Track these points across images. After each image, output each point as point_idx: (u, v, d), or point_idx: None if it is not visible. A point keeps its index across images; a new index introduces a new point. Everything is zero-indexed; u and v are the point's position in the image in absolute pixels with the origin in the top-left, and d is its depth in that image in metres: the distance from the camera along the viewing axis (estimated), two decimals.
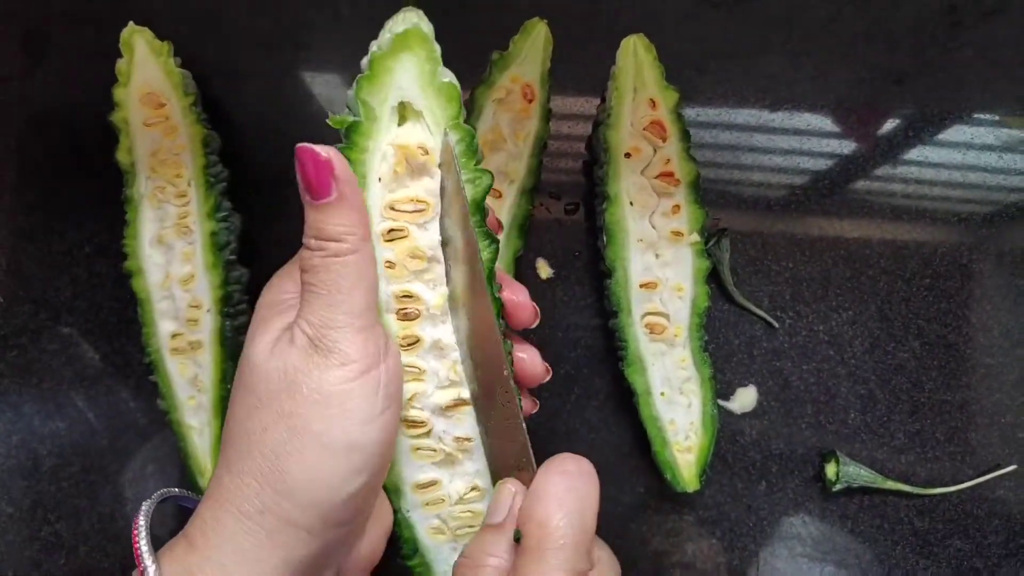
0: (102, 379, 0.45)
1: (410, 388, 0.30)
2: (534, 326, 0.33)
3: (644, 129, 0.42)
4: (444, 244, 0.29)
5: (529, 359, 0.33)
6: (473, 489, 0.32)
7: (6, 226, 0.45)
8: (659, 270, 0.42)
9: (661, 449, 0.42)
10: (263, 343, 0.27)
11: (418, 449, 0.31)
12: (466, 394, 0.31)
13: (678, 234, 0.42)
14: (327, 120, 0.27)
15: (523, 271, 0.45)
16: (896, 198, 0.46)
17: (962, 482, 0.44)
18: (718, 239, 0.45)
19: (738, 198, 0.46)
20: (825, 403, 0.45)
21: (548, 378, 0.34)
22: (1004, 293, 0.46)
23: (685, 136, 0.42)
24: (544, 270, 0.46)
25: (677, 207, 0.42)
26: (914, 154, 0.47)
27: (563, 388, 0.45)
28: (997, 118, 0.47)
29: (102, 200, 0.44)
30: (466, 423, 0.31)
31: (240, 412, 0.27)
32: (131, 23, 0.41)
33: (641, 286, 0.42)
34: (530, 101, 0.43)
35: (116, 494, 0.44)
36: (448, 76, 0.28)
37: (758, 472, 0.44)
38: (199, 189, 0.42)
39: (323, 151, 0.25)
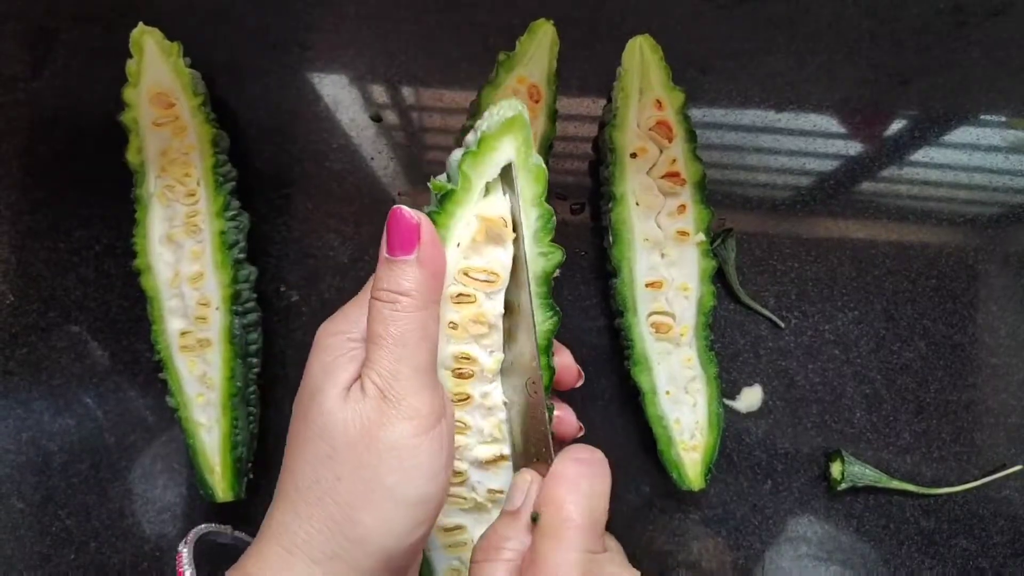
0: (111, 377, 0.45)
1: (455, 440, 0.31)
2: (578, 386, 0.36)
3: (650, 129, 0.42)
4: (508, 312, 0.31)
5: (566, 418, 0.35)
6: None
7: (16, 225, 0.46)
8: (665, 270, 0.42)
9: (667, 448, 0.42)
10: (335, 391, 0.28)
11: (450, 496, 0.32)
12: (507, 450, 0.32)
13: (684, 234, 0.42)
14: (429, 183, 0.29)
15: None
16: (902, 199, 0.47)
17: (968, 482, 0.44)
18: (724, 239, 0.45)
19: (744, 198, 0.46)
20: (831, 403, 0.45)
21: (581, 434, 0.36)
22: (1010, 293, 0.46)
23: (691, 136, 0.42)
24: None
25: (683, 207, 0.42)
26: (920, 155, 0.47)
27: None
28: (1003, 119, 0.47)
29: (111, 199, 0.45)
30: (502, 476, 0.32)
31: (310, 458, 0.28)
32: (141, 24, 0.42)
33: (647, 285, 0.42)
34: (536, 102, 0.44)
35: (125, 491, 0.45)
36: (538, 160, 0.30)
37: (763, 471, 0.44)
38: (208, 188, 0.42)
39: (413, 215, 0.27)
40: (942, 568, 0.44)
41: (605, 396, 0.45)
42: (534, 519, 0.30)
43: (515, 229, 0.30)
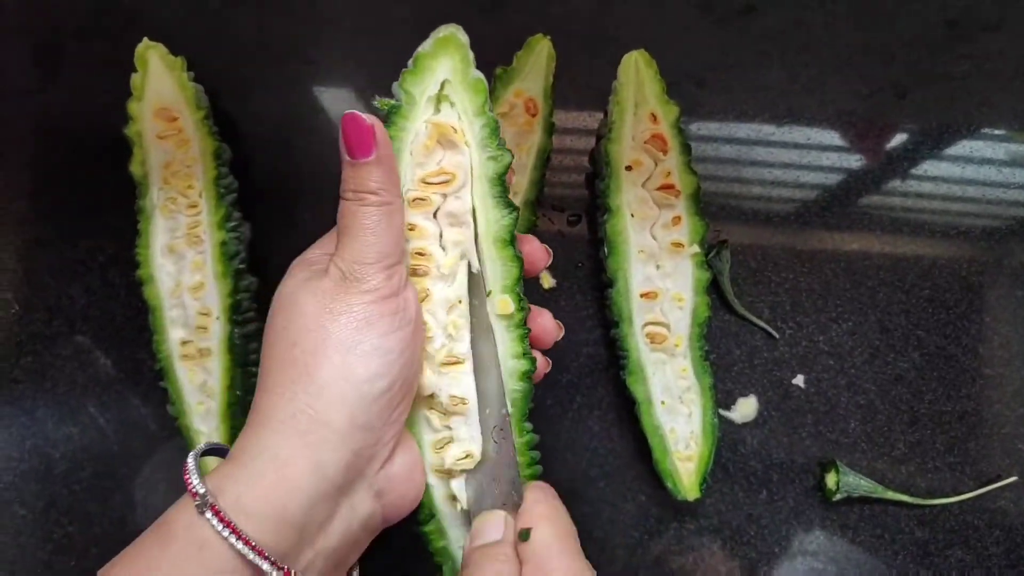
0: (114, 385, 0.46)
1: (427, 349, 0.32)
2: (558, 339, 0.36)
3: (645, 143, 0.43)
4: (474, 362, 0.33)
5: (543, 320, 0.35)
6: (466, 456, 0.33)
7: (22, 235, 0.47)
8: (660, 281, 0.43)
9: (662, 458, 0.42)
10: (296, 279, 0.30)
11: (432, 408, 0.33)
12: (462, 349, 0.33)
13: (679, 245, 0.43)
14: (373, 102, 0.32)
15: (526, 282, 0.46)
16: (896, 211, 0.47)
17: (962, 493, 0.44)
18: (718, 250, 0.45)
19: (739, 211, 0.47)
20: (825, 413, 0.45)
21: (561, 335, 0.36)
22: (1004, 304, 0.46)
23: (686, 149, 0.43)
24: (547, 280, 0.46)
25: (678, 219, 0.43)
26: (914, 168, 0.48)
27: (565, 397, 0.45)
28: (997, 132, 0.48)
29: (116, 211, 0.45)
30: (461, 382, 0.33)
31: (271, 338, 0.30)
32: (145, 39, 0.43)
33: (642, 296, 0.43)
34: (533, 115, 0.44)
35: (127, 498, 0.45)
36: (477, 75, 0.32)
37: (759, 481, 0.45)
38: (210, 200, 0.43)
39: (367, 118, 0.29)
40: None
41: (601, 406, 0.45)
42: (524, 536, 0.31)
43: (483, 289, 0.33)
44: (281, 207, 0.47)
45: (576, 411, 0.45)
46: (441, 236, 0.32)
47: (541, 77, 0.44)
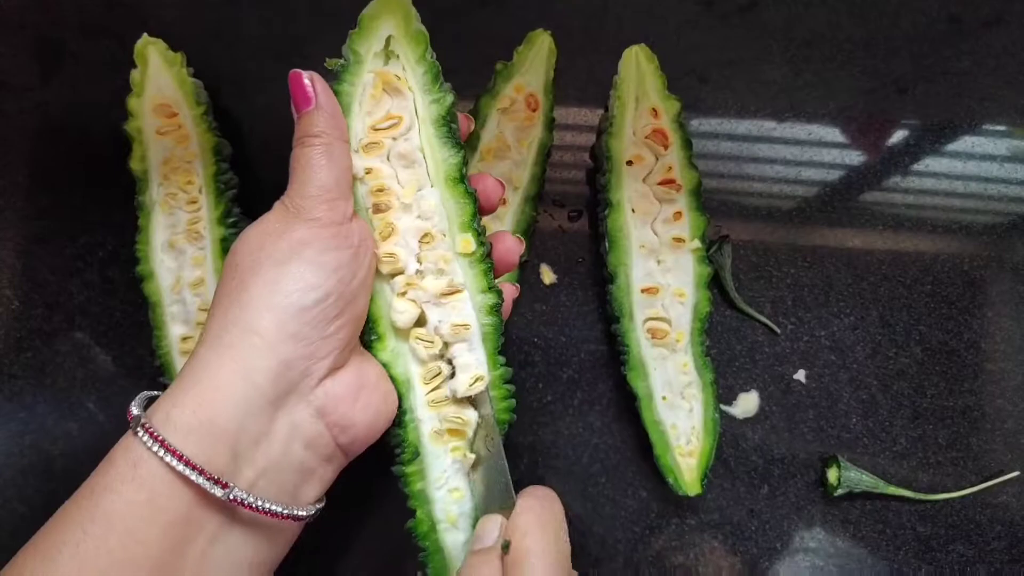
0: (114, 381, 0.45)
1: (399, 280, 0.34)
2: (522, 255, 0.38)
3: (646, 138, 0.43)
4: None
5: (503, 242, 0.36)
6: (477, 379, 0.34)
7: (21, 231, 0.46)
8: (661, 276, 0.43)
9: (663, 453, 0.42)
10: (249, 226, 0.32)
11: (418, 340, 0.34)
12: (459, 280, 0.34)
13: (680, 240, 0.43)
14: (324, 64, 0.34)
15: (527, 277, 0.46)
16: (897, 207, 0.47)
17: (964, 488, 0.44)
18: (719, 245, 0.45)
19: (740, 207, 0.47)
20: (827, 408, 0.45)
21: (522, 250, 0.37)
22: (1006, 299, 0.46)
23: (687, 144, 0.43)
24: (547, 276, 0.46)
25: (679, 214, 0.43)
26: (915, 163, 0.47)
27: (566, 392, 0.45)
28: (999, 128, 0.48)
29: (115, 207, 0.45)
30: (461, 309, 0.34)
31: (219, 283, 0.31)
32: (145, 35, 0.43)
33: (643, 291, 0.42)
34: (534, 110, 0.44)
35: None
36: (419, 26, 0.34)
37: (760, 477, 0.45)
38: (210, 196, 0.42)
39: (306, 74, 0.32)
40: (939, 574, 0.44)
41: (602, 402, 0.45)
42: (505, 548, 0.31)
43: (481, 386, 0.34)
44: None
45: (577, 407, 0.45)
46: (396, 177, 0.34)
47: (542, 72, 0.44)
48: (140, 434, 0.27)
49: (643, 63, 0.42)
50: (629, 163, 0.43)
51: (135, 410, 0.29)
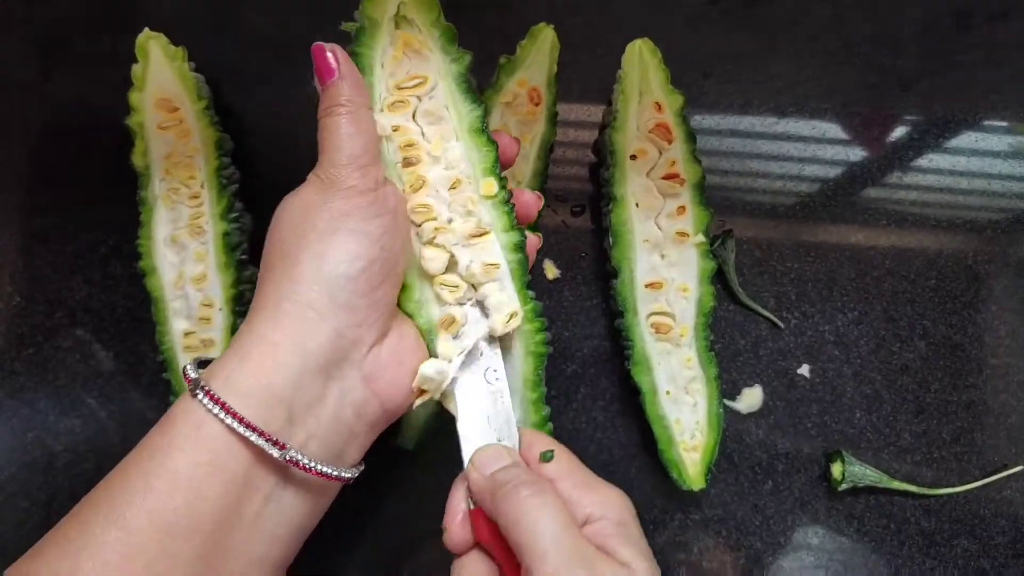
0: (116, 377, 0.45)
1: (428, 227, 0.35)
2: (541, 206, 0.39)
3: (650, 132, 0.42)
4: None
5: (522, 196, 0.37)
6: (512, 316, 0.35)
7: (23, 227, 0.46)
8: (665, 270, 0.43)
9: (667, 448, 0.42)
10: (286, 198, 0.33)
11: (445, 286, 0.35)
12: (486, 222, 0.35)
13: (683, 235, 0.42)
14: (341, 26, 0.35)
15: (531, 272, 0.46)
16: (902, 203, 0.47)
17: (968, 482, 0.44)
18: (723, 240, 0.45)
19: (743, 203, 0.47)
20: (831, 403, 0.45)
21: (540, 204, 0.38)
22: (1010, 294, 0.46)
23: (690, 138, 0.42)
24: (551, 271, 0.46)
25: (682, 208, 0.43)
26: (919, 159, 0.47)
27: (570, 387, 0.45)
28: (1004, 124, 0.47)
29: (117, 202, 0.45)
30: (491, 248, 0.35)
31: (266, 247, 0.33)
32: (147, 29, 0.42)
33: (647, 286, 0.42)
34: (537, 105, 0.44)
35: None
36: None
37: (764, 471, 0.45)
38: (212, 191, 0.42)
39: (327, 46, 0.33)
40: (943, 569, 0.44)
41: (606, 396, 0.45)
42: (547, 457, 0.33)
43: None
44: (282, 198, 0.46)
45: (580, 401, 0.45)
46: (423, 132, 0.35)
47: (545, 67, 0.44)
48: (200, 397, 0.29)
49: (647, 57, 0.42)
50: (633, 157, 0.43)
51: (192, 373, 0.30)
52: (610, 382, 0.45)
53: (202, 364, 0.31)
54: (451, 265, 0.35)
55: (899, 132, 0.47)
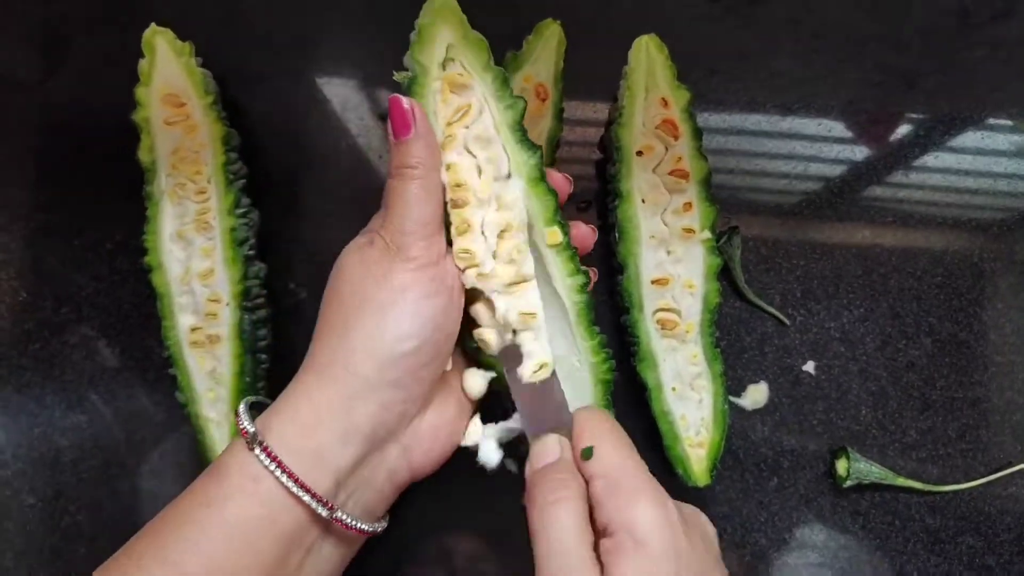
0: (122, 373, 0.45)
1: (470, 273, 0.35)
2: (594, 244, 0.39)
3: (656, 128, 0.42)
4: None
5: (578, 231, 0.38)
6: (542, 367, 0.36)
7: (29, 223, 0.46)
8: (671, 266, 0.43)
9: (672, 444, 0.42)
10: (349, 251, 0.34)
11: (482, 335, 0.36)
12: (528, 270, 0.35)
13: (689, 231, 0.42)
14: (393, 76, 0.35)
15: None
16: (907, 202, 0.47)
17: (974, 479, 0.44)
18: (729, 236, 0.45)
19: (749, 201, 0.47)
20: (836, 400, 0.45)
21: (595, 237, 0.39)
22: (1015, 291, 0.46)
23: (697, 134, 0.42)
24: None
25: (688, 204, 0.43)
26: (925, 158, 0.47)
27: None
28: (1009, 122, 0.47)
29: (123, 197, 0.45)
30: (529, 296, 0.35)
31: (325, 300, 0.34)
32: (153, 24, 0.42)
33: (653, 282, 0.42)
34: (543, 100, 0.44)
35: (135, 487, 0.45)
36: (476, 33, 0.35)
37: (769, 468, 0.45)
38: (218, 186, 0.42)
39: (406, 101, 0.33)
40: (948, 565, 0.44)
41: (611, 392, 0.45)
42: (586, 455, 0.33)
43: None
44: (289, 194, 0.46)
45: None
46: (477, 166, 0.35)
47: (551, 62, 0.44)
48: (258, 452, 0.30)
49: (653, 53, 0.42)
50: (639, 153, 0.43)
51: (248, 426, 0.31)
52: (615, 378, 0.45)
53: (252, 406, 0.32)
54: (486, 303, 0.36)
55: (904, 130, 0.48)
